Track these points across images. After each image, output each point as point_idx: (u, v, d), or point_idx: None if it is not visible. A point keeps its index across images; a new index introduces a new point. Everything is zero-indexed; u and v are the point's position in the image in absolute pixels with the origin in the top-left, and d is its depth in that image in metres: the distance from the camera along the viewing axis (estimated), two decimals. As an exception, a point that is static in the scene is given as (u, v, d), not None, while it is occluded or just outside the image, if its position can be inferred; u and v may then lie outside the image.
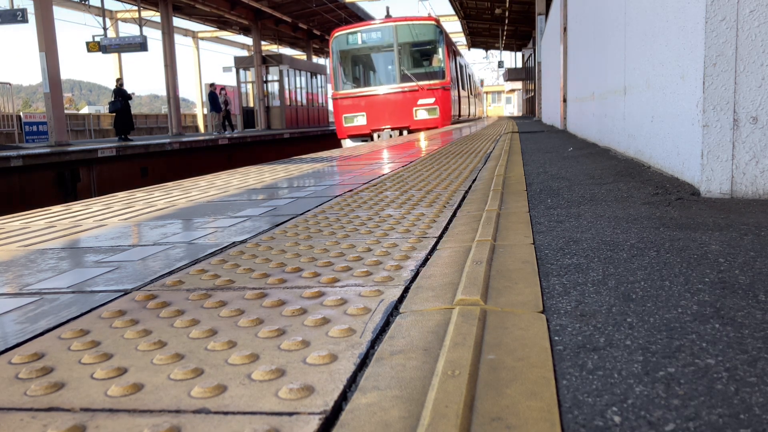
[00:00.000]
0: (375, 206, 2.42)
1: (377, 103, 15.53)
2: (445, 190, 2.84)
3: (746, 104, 2.29)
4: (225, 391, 0.81)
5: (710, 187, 2.36)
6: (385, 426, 0.70)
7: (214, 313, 1.15)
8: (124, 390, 0.82)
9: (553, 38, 11.80)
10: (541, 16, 17.68)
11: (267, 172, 4.42)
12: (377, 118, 15.43)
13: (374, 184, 3.23)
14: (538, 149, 5.59)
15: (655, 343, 0.93)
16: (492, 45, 39.18)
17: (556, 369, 0.85)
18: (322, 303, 1.18)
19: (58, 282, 1.44)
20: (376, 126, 15.46)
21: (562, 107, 10.10)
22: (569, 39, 8.86)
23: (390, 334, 1.00)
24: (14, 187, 10.17)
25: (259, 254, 1.64)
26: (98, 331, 1.07)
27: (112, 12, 22.85)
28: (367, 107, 15.56)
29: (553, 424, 0.69)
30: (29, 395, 0.82)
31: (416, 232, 1.86)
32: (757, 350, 0.89)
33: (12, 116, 18.08)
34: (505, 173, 3.51)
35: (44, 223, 2.43)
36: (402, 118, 15.36)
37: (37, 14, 14.40)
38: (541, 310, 1.10)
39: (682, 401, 0.75)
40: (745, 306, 1.09)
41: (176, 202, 2.89)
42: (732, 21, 2.27)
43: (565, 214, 2.12)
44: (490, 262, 1.43)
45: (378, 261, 1.49)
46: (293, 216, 2.28)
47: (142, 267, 1.56)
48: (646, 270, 1.35)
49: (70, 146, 13.39)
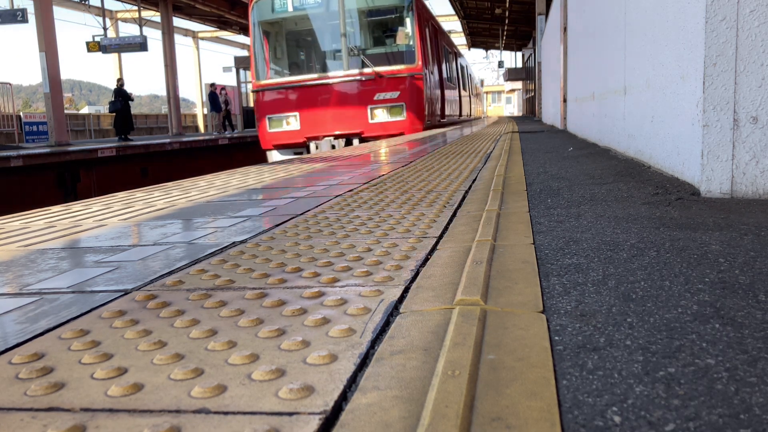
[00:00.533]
0: (375, 206, 2.42)
1: (316, 98, 10.86)
2: (445, 190, 2.84)
3: (746, 104, 2.29)
4: (225, 391, 0.81)
5: (710, 187, 2.36)
6: (385, 426, 0.70)
7: (214, 313, 1.15)
8: (124, 390, 0.82)
9: (553, 38, 11.80)
10: (541, 16, 17.68)
11: (267, 172, 4.42)
12: (315, 121, 10.82)
13: (374, 183, 3.23)
14: (538, 149, 5.59)
15: (655, 343, 0.93)
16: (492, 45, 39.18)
17: (556, 369, 0.85)
18: (322, 303, 1.18)
19: (58, 282, 1.44)
20: (314, 132, 10.83)
21: (562, 107, 10.10)
22: (569, 39, 8.86)
23: (390, 334, 1.00)
24: (14, 187, 10.17)
25: (259, 254, 1.64)
26: (98, 331, 1.07)
27: (112, 12, 22.86)
28: (301, 105, 10.89)
29: (553, 424, 0.69)
30: (29, 395, 0.82)
31: (416, 232, 1.86)
32: (757, 350, 0.89)
33: (12, 116, 18.09)
34: (505, 173, 3.51)
35: (44, 223, 2.43)
36: (352, 120, 10.76)
37: (37, 14, 14.41)
38: (541, 310, 1.10)
39: (682, 401, 0.74)
40: (745, 306, 1.09)
41: (176, 202, 2.89)
42: (732, 21, 2.26)
43: (565, 214, 2.12)
44: (490, 262, 1.43)
45: (378, 261, 1.49)
46: (293, 216, 2.28)
47: (142, 267, 1.56)
48: (646, 270, 1.35)
49: (70, 146, 13.39)
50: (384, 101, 10.73)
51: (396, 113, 10.73)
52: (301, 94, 10.94)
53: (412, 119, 10.90)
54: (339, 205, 2.52)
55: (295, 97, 10.98)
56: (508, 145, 6.21)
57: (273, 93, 11.10)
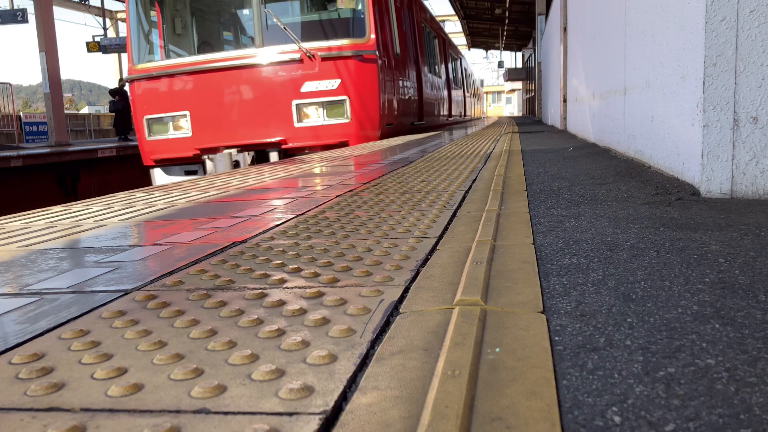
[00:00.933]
0: (375, 206, 2.42)
1: (214, 90, 7.41)
2: (446, 190, 2.84)
3: (746, 104, 2.29)
4: (225, 391, 0.81)
5: (710, 187, 2.36)
6: (385, 426, 0.70)
7: (214, 313, 1.15)
8: (124, 390, 0.82)
9: (553, 38, 11.80)
10: (542, 16, 17.68)
11: (267, 172, 4.42)
12: (214, 125, 7.46)
13: (374, 184, 3.23)
14: (539, 149, 5.60)
15: (655, 344, 0.93)
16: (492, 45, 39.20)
17: (556, 369, 0.85)
18: (322, 303, 1.18)
19: (58, 282, 1.44)
20: (212, 142, 7.48)
21: (562, 107, 10.10)
22: (569, 39, 8.86)
23: (390, 334, 1.00)
24: (14, 187, 10.18)
25: (259, 254, 1.64)
26: (98, 331, 1.07)
27: (112, 12, 22.85)
28: (193, 100, 7.47)
29: (554, 424, 0.69)
30: (29, 395, 0.82)
31: (416, 232, 1.86)
32: (757, 350, 0.89)
33: (12, 116, 18.10)
34: (505, 173, 3.51)
35: (44, 223, 2.43)
36: (268, 124, 7.37)
37: (37, 14, 14.41)
38: (541, 310, 1.10)
39: (682, 401, 0.75)
40: (745, 306, 1.09)
41: (176, 202, 2.89)
42: (732, 21, 2.26)
43: (565, 214, 2.12)
44: (490, 262, 1.43)
45: (378, 261, 1.49)
46: (293, 216, 2.28)
47: (142, 267, 1.56)
48: (646, 270, 1.35)
49: (70, 146, 13.39)
50: (316, 94, 7.20)
51: (335, 113, 7.26)
52: (192, 84, 7.41)
53: (360, 122, 7.41)
54: (339, 205, 2.52)
55: (183, 87, 7.43)
56: (508, 145, 6.22)
57: (153, 83, 7.53)
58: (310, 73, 7.23)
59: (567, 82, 9.45)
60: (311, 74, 7.24)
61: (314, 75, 7.25)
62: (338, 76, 7.25)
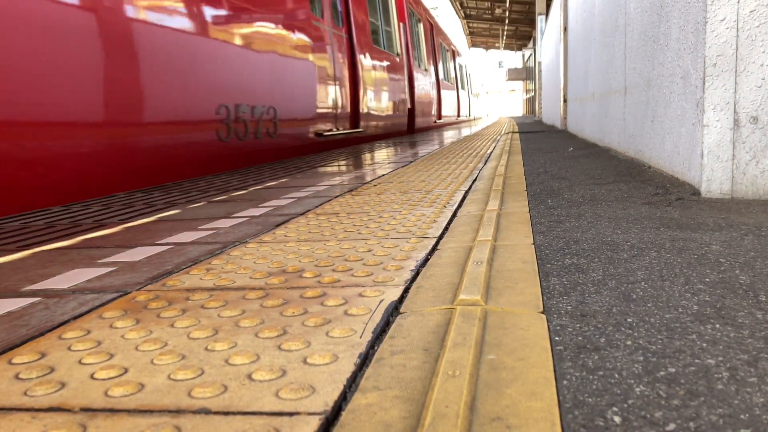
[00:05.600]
0: (376, 206, 2.42)
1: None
2: (446, 190, 2.84)
3: (746, 104, 2.29)
4: (225, 391, 0.81)
5: (710, 187, 2.36)
6: (385, 426, 0.70)
7: (214, 313, 1.15)
8: (124, 390, 0.82)
9: (553, 38, 11.80)
10: (542, 16, 17.69)
11: (267, 172, 4.42)
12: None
13: (374, 184, 3.23)
14: (539, 149, 5.59)
15: (656, 344, 0.93)
16: (492, 45, 39.20)
17: (556, 369, 0.85)
18: (322, 303, 1.18)
19: (58, 282, 1.44)
20: None
21: (562, 107, 10.11)
22: (569, 39, 8.86)
23: (390, 334, 1.00)
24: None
25: (259, 254, 1.64)
26: (98, 331, 1.07)
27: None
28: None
29: (554, 424, 0.69)
30: (29, 395, 0.82)
31: (417, 232, 1.86)
32: (758, 350, 0.89)
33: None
34: (506, 173, 3.51)
35: (44, 223, 2.43)
36: None
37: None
38: (541, 311, 1.10)
39: (683, 401, 0.74)
40: (745, 306, 1.09)
41: (176, 201, 2.89)
42: (732, 21, 2.26)
43: (565, 214, 2.12)
44: (490, 263, 1.43)
45: (378, 261, 1.49)
46: (293, 216, 2.28)
47: (142, 267, 1.56)
48: (646, 270, 1.35)
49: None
50: None
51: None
52: None
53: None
54: (339, 204, 2.52)
55: None
56: (509, 145, 6.21)
57: None
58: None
59: (567, 82, 9.45)
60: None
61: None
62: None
